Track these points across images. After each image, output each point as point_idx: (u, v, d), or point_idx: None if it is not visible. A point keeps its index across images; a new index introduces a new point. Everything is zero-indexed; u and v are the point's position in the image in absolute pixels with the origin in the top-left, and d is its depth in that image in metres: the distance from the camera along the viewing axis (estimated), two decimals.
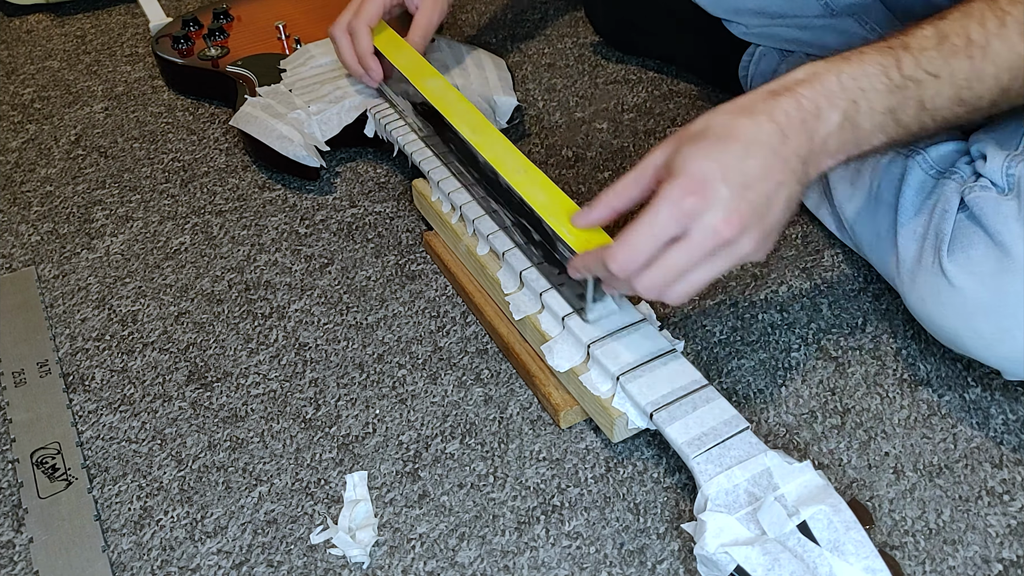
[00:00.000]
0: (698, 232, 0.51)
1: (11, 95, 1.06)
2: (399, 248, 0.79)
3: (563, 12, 1.13)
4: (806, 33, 0.83)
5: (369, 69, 0.84)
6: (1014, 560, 0.54)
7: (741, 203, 0.50)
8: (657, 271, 0.52)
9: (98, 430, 0.66)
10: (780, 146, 0.51)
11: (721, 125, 0.52)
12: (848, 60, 0.53)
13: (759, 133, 0.51)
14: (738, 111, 0.52)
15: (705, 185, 0.50)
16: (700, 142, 0.52)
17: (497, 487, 0.60)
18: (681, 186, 0.50)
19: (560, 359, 0.61)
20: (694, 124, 0.54)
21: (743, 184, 0.50)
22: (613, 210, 0.57)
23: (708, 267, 0.52)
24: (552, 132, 0.92)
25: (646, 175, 0.55)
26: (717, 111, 0.53)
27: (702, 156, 0.51)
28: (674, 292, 0.53)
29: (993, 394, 0.63)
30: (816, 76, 0.52)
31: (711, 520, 0.50)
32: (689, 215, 0.50)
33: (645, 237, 0.51)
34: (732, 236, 0.51)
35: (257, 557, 0.57)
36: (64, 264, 0.81)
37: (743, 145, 0.51)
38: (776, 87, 0.53)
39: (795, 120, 0.51)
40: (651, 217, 0.51)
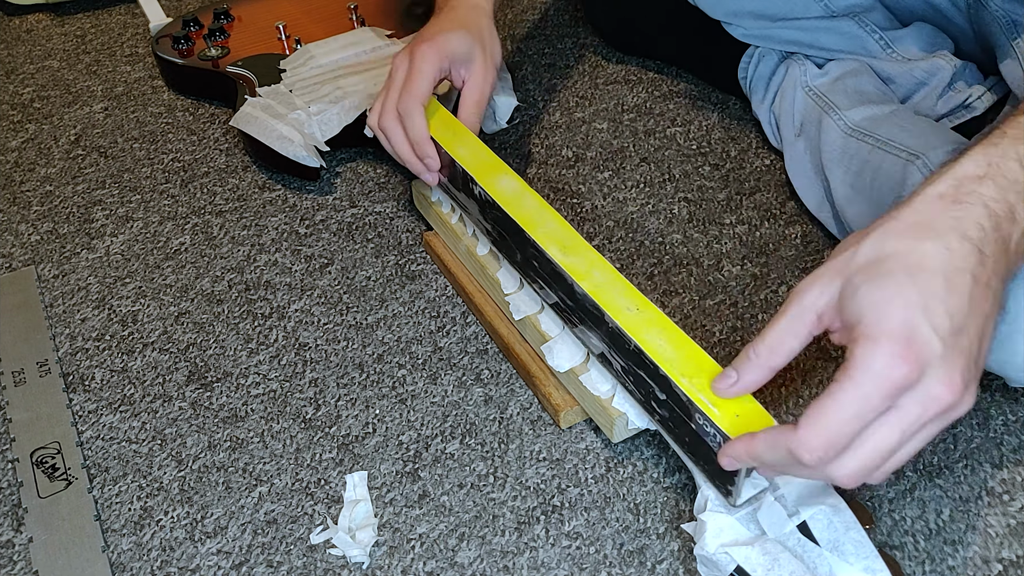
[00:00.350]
0: (912, 404, 0.41)
1: (11, 95, 1.06)
2: (399, 248, 0.79)
3: (563, 12, 1.13)
4: (806, 35, 0.83)
5: (426, 157, 0.70)
6: (1014, 560, 0.54)
7: (957, 356, 0.41)
8: (860, 456, 0.42)
9: (98, 430, 0.66)
10: (980, 269, 0.42)
11: (902, 253, 0.42)
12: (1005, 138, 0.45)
13: (954, 259, 0.42)
14: (916, 231, 0.43)
15: (914, 345, 0.40)
16: (882, 279, 0.42)
17: (497, 487, 0.60)
18: (886, 352, 0.40)
19: (560, 359, 0.61)
20: (859, 250, 0.44)
21: (954, 330, 0.41)
22: (770, 371, 0.46)
23: (921, 438, 0.42)
24: (552, 132, 0.92)
25: (806, 322, 0.45)
26: (886, 231, 0.44)
27: (896, 302, 0.41)
28: (879, 474, 0.43)
29: (993, 395, 0.63)
30: (995, 169, 0.44)
31: (711, 520, 0.50)
32: (903, 388, 0.40)
33: (847, 421, 0.41)
34: (954, 400, 0.41)
35: (257, 557, 0.57)
36: (64, 264, 0.81)
37: (941, 278, 0.41)
38: (949, 190, 0.44)
39: (990, 233, 0.43)
40: (853, 395, 0.41)
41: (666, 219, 0.80)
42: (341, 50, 0.94)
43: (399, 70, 0.72)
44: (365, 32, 0.98)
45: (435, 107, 0.72)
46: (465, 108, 0.74)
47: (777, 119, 0.83)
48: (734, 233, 0.78)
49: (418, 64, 0.70)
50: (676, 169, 0.85)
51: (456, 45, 0.73)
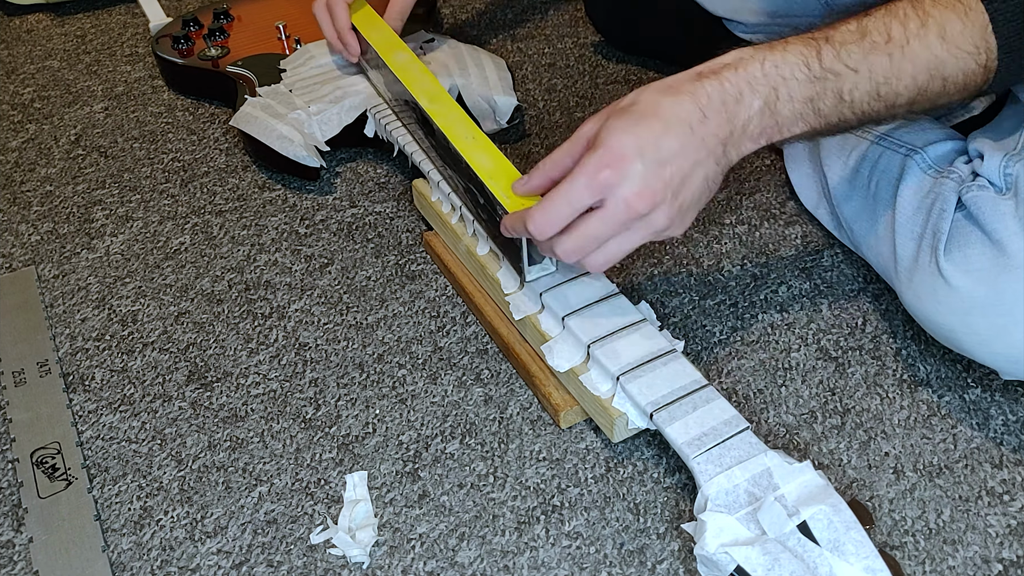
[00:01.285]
0: (612, 204, 0.53)
1: (11, 95, 1.06)
2: (399, 248, 0.79)
3: (563, 12, 1.13)
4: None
5: (347, 44, 0.86)
6: (1014, 560, 0.54)
7: (655, 179, 0.53)
8: (574, 237, 0.55)
9: (98, 430, 0.66)
10: (699, 126, 0.53)
11: (646, 102, 0.54)
12: (772, 49, 0.55)
13: (680, 111, 0.53)
14: (664, 89, 0.54)
15: (621, 159, 0.52)
16: (624, 117, 0.54)
17: (497, 487, 0.60)
18: (599, 158, 0.53)
19: (560, 359, 0.61)
20: (625, 98, 0.56)
21: (659, 160, 0.53)
22: (549, 179, 0.58)
23: (624, 239, 0.55)
24: (552, 132, 0.92)
25: (578, 145, 0.56)
26: (647, 88, 0.55)
27: (623, 130, 0.53)
28: (592, 260, 0.56)
29: (993, 395, 0.63)
30: (741, 61, 0.54)
31: (711, 520, 0.50)
32: (604, 187, 0.53)
33: (561, 203, 0.54)
34: (644, 210, 0.53)
35: (257, 557, 0.57)
36: (64, 264, 0.81)
37: (663, 122, 0.53)
38: (704, 69, 0.55)
39: (716, 102, 0.53)
40: (568, 185, 0.54)
41: None
42: None
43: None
44: None
45: (360, 4, 0.88)
46: (390, 10, 0.87)
47: None
48: (734, 233, 0.78)
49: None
50: None
51: None
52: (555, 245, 0.56)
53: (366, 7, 0.88)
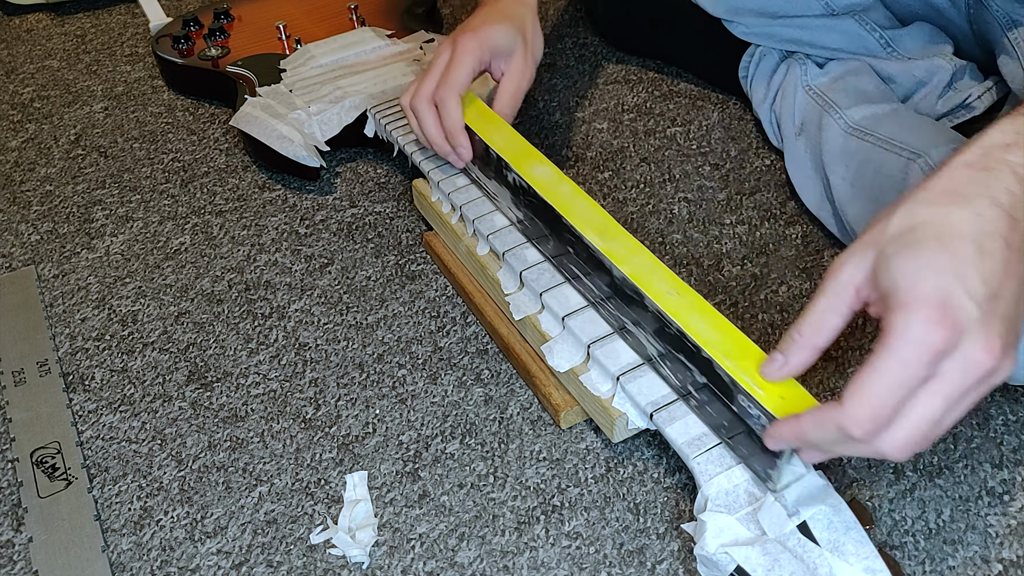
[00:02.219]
0: (953, 370, 0.41)
1: (11, 94, 1.06)
2: (399, 248, 0.79)
3: (563, 12, 1.13)
4: (806, 33, 0.83)
5: (459, 147, 0.71)
6: (1014, 560, 0.54)
7: (994, 320, 0.41)
8: (908, 426, 0.42)
9: (98, 430, 0.66)
10: (1011, 234, 0.42)
11: (932, 223, 0.42)
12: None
13: (984, 225, 0.42)
14: (946, 199, 0.43)
15: (950, 309, 0.40)
16: (914, 247, 0.42)
17: (497, 487, 0.60)
18: (921, 318, 0.40)
19: (560, 359, 0.61)
20: (890, 221, 0.44)
21: (989, 295, 0.41)
22: (816, 350, 0.47)
23: (964, 405, 0.43)
24: (552, 132, 0.92)
25: (845, 298, 0.45)
26: (914, 200, 0.44)
27: (929, 269, 0.41)
28: (926, 442, 0.43)
29: (993, 395, 0.63)
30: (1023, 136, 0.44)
31: (711, 520, 0.50)
32: (942, 354, 0.41)
33: (891, 390, 0.41)
34: (995, 364, 0.41)
35: (257, 557, 0.57)
36: (64, 264, 0.81)
37: (973, 244, 0.41)
38: (976, 158, 0.45)
39: (1020, 197, 0.43)
40: (892, 363, 0.41)
41: (666, 219, 0.80)
42: (341, 50, 0.94)
43: (440, 57, 0.72)
44: (365, 32, 0.98)
45: (471, 98, 0.73)
46: (501, 99, 0.74)
47: (778, 118, 0.83)
48: (734, 233, 0.78)
49: (459, 54, 0.71)
50: (676, 169, 0.85)
51: (499, 38, 0.73)
52: (880, 443, 0.42)
53: (478, 101, 0.72)
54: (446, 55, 0.72)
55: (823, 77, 0.80)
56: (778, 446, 0.47)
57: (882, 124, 0.72)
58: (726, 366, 0.49)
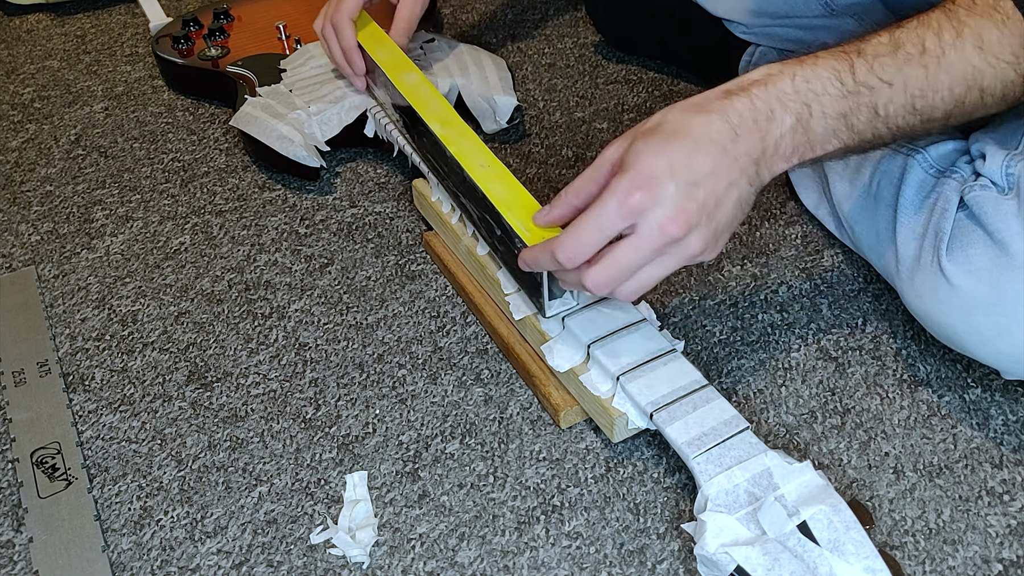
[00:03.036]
0: (645, 229, 0.51)
1: (11, 95, 1.06)
2: (399, 248, 0.79)
3: (563, 12, 1.13)
4: (806, 33, 0.83)
5: (353, 64, 0.83)
6: (1014, 560, 0.54)
7: (689, 201, 0.51)
8: (605, 267, 0.52)
9: (98, 430, 0.66)
10: (731, 145, 0.51)
11: (674, 121, 0.52)
12: (803, 63, 0.53)
13: (710, 131, 0.51)
14: (692, 108, 0.53)
15: (653, 181, 0.50)
16: (652, 137, 0.52)
17: (497, 487, 0.60)
18: (629, 181, 0.51)
19: (560, 359, 0.61)
20: (650, 119, 0.54)
21: (691, 182, 0.51)
22: (573, 207, 0.56)
23: (657, 265, 0.53)
24: (552, 132, 0.92)
25: (602, 171, 0.54)
26: (673, 107, 0.54)
27: (652, 152, 0.51)
28: (625, 289, 0.53)
29: (993, 395, 0.63)
30: (771, 78, 0.52)
31: (711, 520, 0.50)
32: (636, 211, 0.50)
33: (592, 230, 0.52)
34: (679, 234, 0.51)
35: (257, 557, 0.57)
36: (64, 264, 0.81)
37: (694, 142, 0.51)
38: (732, 87, 0.53)
39: (747, 120, 0.52)
40: (598, 210, 0.51)
41: None
42: None
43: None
44: None
45: (366, 20, 0.85)
46: (395, 25, 0.84)
47: None
48: (734, 233, 0.78)
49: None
50: None
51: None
52: (585, 277, 0.53)
53: (372, 24, 0.85)
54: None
55: None
56: (523, 266, 0.58)
57: None
58: (504, 213, 0.61)
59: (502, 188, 0.63)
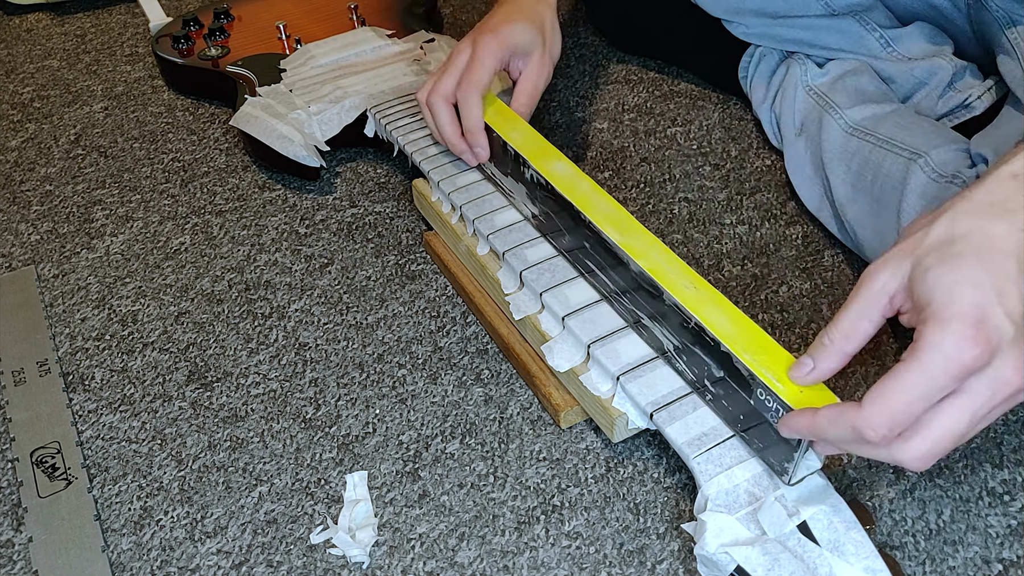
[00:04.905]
0: (982, 387, 0.41)
1: (11, 94, 1.06)
2: (399, 248, 0.79)
3: (563, 12, 1.13)
4: (807, 33, 0.83)
5: (476, 146, 0.71)
6: (1014, 560, 0.54)
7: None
8: (929, 439, 0.42)
9: (98, 430, 0.66)
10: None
11: (972, 234, 0.42)
12: None
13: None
14: (988, 211, 0.43)
15: (985, 327, 0.40)
16: (953, 260, 0.42)
17: (497, 487, 0.60)
18: (956, 334, 0.40)
19: (560, 359, 0.61)
20: (929, 231, 0.44)
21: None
22: (844, 355, 0.46)
23: (988, 420, 0.43)
24: (552, 132, 0.92)
25: (878, 305, 0.45)
26: (957, 211, 0.43)
27: (967, 284, 0.41)
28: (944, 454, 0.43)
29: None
30: None
31: (711, 520, 0.50)
32: (972, 370, 0.40)
33: (913, 401, 0.41)
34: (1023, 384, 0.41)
35: (257, 557, 0.57)
36: (64, 264, 0.81)
37: (1015, 260, 0.41)
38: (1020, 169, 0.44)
39: None
40: (920, 376, 0.41)
41: (666, 219, 0.80)
42: (341, 50, 0.94)
43: (460, 55, 0.72)
44: (365, 32, 0.98)
45: (490, 97, 0.73)
46: (519, 98, 0.74)
47: (778, 119, 0.83)
48: (734, 233, 0.78)
49: (480, 54, 0.71)
50: (676, 169, 0.85)
51: (518, 38, 0.73)
52: (900, 451, 0.42)
53: (496, 100, 0.73)
54: (466, 53, 0.72)
55: (823, 77, 0.80)
56: (791, 435, 0.47)
57: (882, 124, 0.72)
58: (745, 360, 0.50)
59: (724, 319, 0.52)
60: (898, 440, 0.42)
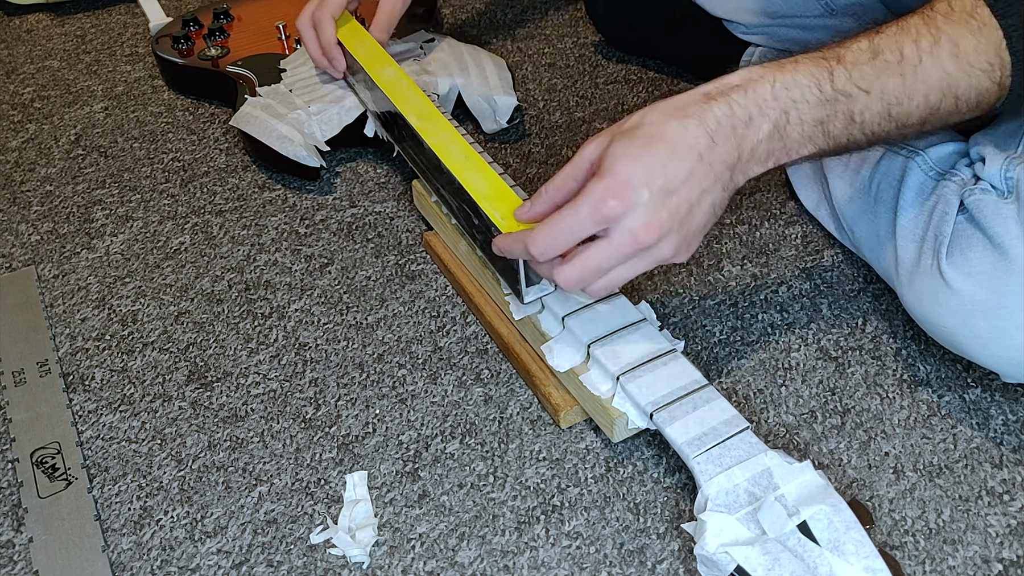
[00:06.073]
0: (617, 235, 0.52)
1: (11, 94, 1.06)
2: (399, 248, 0.79)
3: (563, 12, 1.13)
4: (806, 33, 0.83)
5: (333, 59, 0.85)
6: (1014, 560, 0.54)
7: (662, 209, 0.51)
8: (576, 266, 0.53)
9: (98, 430, 0.66)
10: (707, 151, 0.52)
11: (653, 124, 0.52)
12: (783, 69, 0.53)
13: (687, 137, 0.51)
14: (672, 111, 0.53)
15: (627, 189, 0.51)
16: (629, 141, 0.52)
17: (497, 487, 0.60)
18: (604, 187, 0.51)
19: (560, 359, 0.61)
20: (630, 118, 0.54)
21: (665, 189, 0.51)
22: (552, 204, 0.57)
23: (627, 268, 0.54)
24: (552, 132, 0.92)
25: (582, 168, 0.55)
26: (654, 108, 0.54)
27: (629, 158, 0.51)
28: (594, 287, 0.55)
29: (993, 395, 0.63)
30: (751, 83, 0.52)
31: (711, 520, 0.50)
32: (608, 218, 0.51)
33: (564, 231, 0.53)
34: (651, 241, 0.52)
35: (257, 557, 0.57)
36: (64, 264, 0.81)
37: (671, 148, 0.51)
38: (712, 89, 0.53)
39: (725, 126, 0.52)
40: (572, 212, 0.52)
41: None
42: None
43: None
44: None
45: (346, 18, 0.86)
46: (375, 22, 0.86)
47: None
48: (734, 233, 0.78)
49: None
50: None
51: None
52: (556, 273, 0.54)
53: (352, 21, 0.87)
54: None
55: None
56: (496, 251, 0.59)
57: None
58: (483, 205, 0.62)
59: (481, 180, 0.64)
60: (558, 262, 0.54)
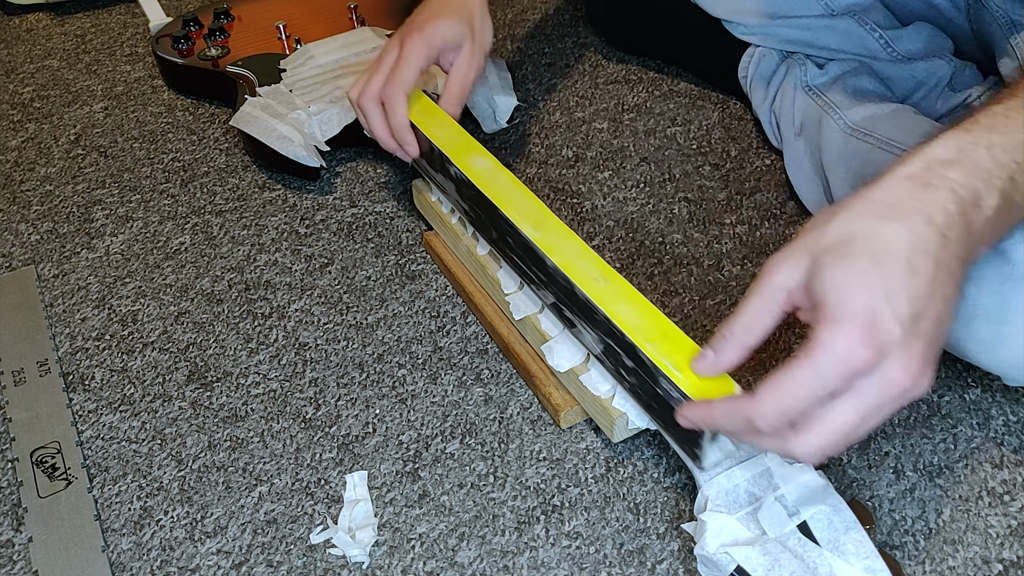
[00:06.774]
0: (871, 387, 0.42)
1: (11, 94, 1.06)
2: (399, 248, 0.79)
3: (563, 12, 1.13)
4: (806, 33, 0.83)
5: (405, 144, 0.73)
6: (1014, 560, 0.54)
7: (916, 341, 0.42)
8: (821, 435, 0.43)
9: (98, 430, 0.66)
10: (942, 253, 0.43)
11: (868, 236, 0.43)
12: (994, 128, 0.45)
13: (917, 242, 0.42)
14: (883, 211, 0.43)
15: (876, 330, 0.41)
16: (848, 262, 0.42)
17: (497, 487, 0.60)
18: (846, 336, 0.41)
19: (560, 359, 0.61)
20: (827, 229, 0.44)
21: (914, 315, 0.42)
22: (746, 349, 0.47)
23: (878, 418, 0.44)
24: (552, 132, 0.92)
25: (776, 301, 0.45)
26: (854, 211, 0.44)
27: (859, 287, 0.42)
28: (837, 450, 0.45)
29: (994, 395, 0.63)
30: (965, 154, 0.44)
31: (711, 520, 0.50)
32: (860, 371, 0.42)
33: (801, 398, 0.42)
34: (911, 385, 0.42)
35: (257, 557, 0.57)
36: (64, 263, 0.81)
37: (905, 263, 0.42)
38: (918, 172, 0.44)
39: (954, 217, 0.43)
40: (811, 373, 0.42)
41: (666, 219, 0.80)
42: (341, 50, 0.94)
43: (388, 55, 0.74)
44: (365, 32, 0.98)
45: (416, 94, 0.74)
46: (448, 93, 0.75)
47: (777, 119, 0.83)
48: (734, 233, 0.78)
49: (405, 54, 0.72)
50: (676, 169, 0.85)
51: (445, 34, 0.74)
52: (792, 445, 0.44)
53: (423, 98, 0.74)
54: (394, 53, 0.73)
55: (823, 77, 0.80)
56: (688, 424, 0.49)
57: (882, 125, 0.72)
58: (646, 350, 0.51)
59: (630, 311, 0.53)
60: (791, 433, 0.44)
